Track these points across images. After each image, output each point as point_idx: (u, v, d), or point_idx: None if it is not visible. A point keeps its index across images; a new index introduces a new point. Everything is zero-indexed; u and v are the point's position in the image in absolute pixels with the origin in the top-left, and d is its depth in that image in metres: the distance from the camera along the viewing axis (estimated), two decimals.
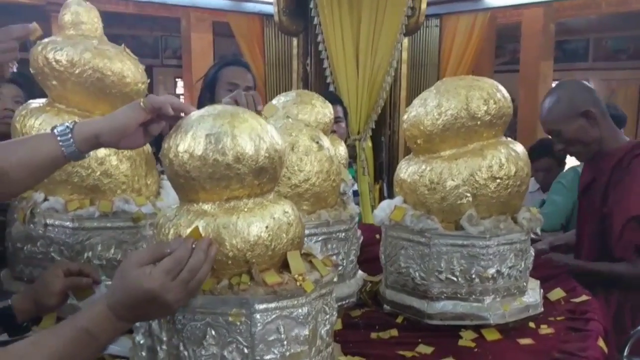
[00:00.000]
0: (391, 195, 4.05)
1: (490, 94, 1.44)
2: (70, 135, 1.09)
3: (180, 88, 13.46)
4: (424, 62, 4.90)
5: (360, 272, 1.65)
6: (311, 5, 3.56)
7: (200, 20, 6.84)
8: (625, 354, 1.51)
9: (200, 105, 2.44)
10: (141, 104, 1.08)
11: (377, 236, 1.69)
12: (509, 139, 1.54)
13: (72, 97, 1.51)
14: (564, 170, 3.17)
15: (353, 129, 3.67)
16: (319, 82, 3.78)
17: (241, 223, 1.01)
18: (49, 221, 1.46)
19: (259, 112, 1.60)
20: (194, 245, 0.95)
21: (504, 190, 1.42)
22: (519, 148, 1.49)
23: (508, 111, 1.48)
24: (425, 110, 1.47)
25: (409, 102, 4.23)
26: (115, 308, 0.93)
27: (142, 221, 1.49)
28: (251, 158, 1.01)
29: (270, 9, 4.53)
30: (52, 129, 1.11)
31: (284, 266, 1.07)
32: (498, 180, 1.41)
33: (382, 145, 3.86)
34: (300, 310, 1.02)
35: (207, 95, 2.39)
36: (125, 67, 1.51)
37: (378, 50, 3.52)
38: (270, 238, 1.03)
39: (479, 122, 1.44)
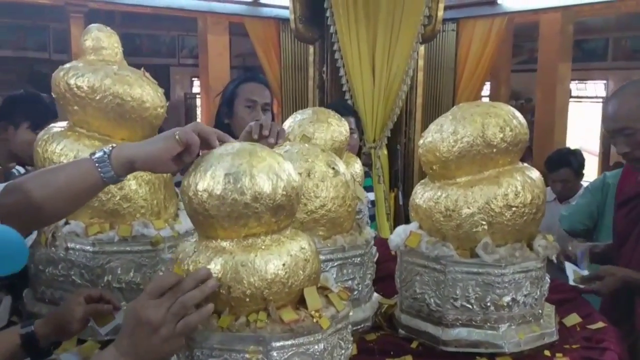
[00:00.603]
0: (406, 203, 4.07)
1: (506, 121, 1.44)
2: (108, 162, 1.13)
3: (196, 87, 13.54)
4: (440, 66, 4.88)
5: (375, 294, 1.66)
6: (327, 14, 3.56)
7: (217, 22, 6.88)
8: None
9: (218, 120, 2.47)
10: (176, 136, 1.11)
11: (393, 252, 1.69)
12: (525, 164, 1.54)
13: (93, 121, 1.54)
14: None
15: (369, 137, 3.67)
16: (335, 90, 3.79)
17: (259, 261, 1.03)
18: (70, 245, 1.49)
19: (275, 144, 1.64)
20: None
21: (520, 218, 1.42)
22: (535, 174, 1.49)
23: (524, 137, 1.48)
24: (441, 136, 1.48)
25: (425, 110, 4.23)
26: (118, 343, 0.96)
27: (160, 245, 1.52)
28: (269, 197, 1.03)
29: (287, 13, 4.55)
30: (91, 155, 1.14)
31: (301, 302, 1.08)
32: (514, 209, 1.41)
33: (397, 153, 3.86)
34: (316, 347, 1.04)
35: (225, 111, 2.41)
36: (145, 92, 1.53)
37: (394, 58, 3.52)
38: (288, 275, 1.04)
39: (494, 150, 1.44)
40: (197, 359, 1.02)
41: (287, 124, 1.98)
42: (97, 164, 1.13)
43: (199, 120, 13.28)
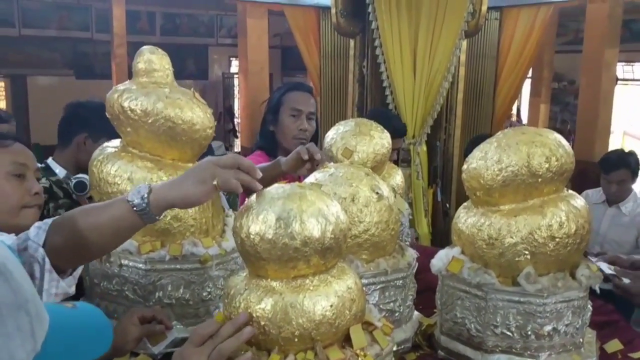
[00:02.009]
0: (444, 200, 4.06)
1: (552, 151, 1.44)
2: (148, 209, 1.18)
3: (234, 67, 13.64)
4: (482, 56, 4.78)
5: (415, 313, 1.69)
6: (369, 10, 3.54)
7: (256, 6, 6.90)
8: None
9: (264, 128, 2.51)
10: (215, 182, 1.15)
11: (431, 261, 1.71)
12: (570, 191, 1.53)
13: (145, 142, 1.59)
14: None
15: (408, 133, 3.66)
16: (375, 85, 3.78)
17: (307, 302, 1.07)
18: (123, 262, 1.56)
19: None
20: None
21: (563, 248, 1.42)
22: (580, 203, 1.48)
23: (570, 167, 1.47)
24: (486, 164, 1.48)
25: (465, 105, 4.18)
26: None
27: (209, 262, 1.58)
28: (318, 241, 1.07)
29: (327, 1, 4.53)
30: (129, 202, 1.18)
31: (347, 339, 1.12)
32: (557, 239, 1.41)
33: (437, 150, 3.84)
34: None
35: (270, 118, 2.45)
36: (195, 115, 1.58)
37: (436, 55, 3.48)
38: (335, 316, 1.08)
39: (539, 179, 1.44)
40: None
41: (330, 136, 2.00)
42: (134, 209, 1.17)
43: (237, 99, 13.41)
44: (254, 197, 1.14)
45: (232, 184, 1.14)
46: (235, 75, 13.51)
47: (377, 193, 1.52)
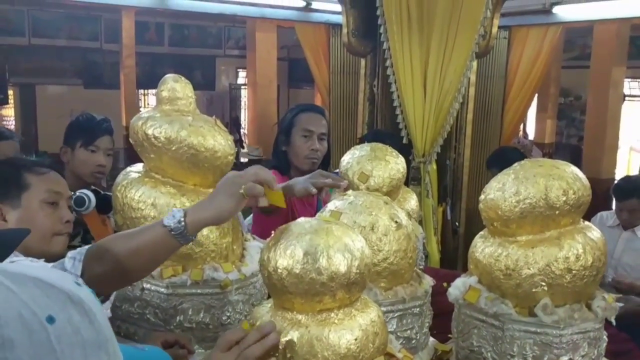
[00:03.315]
0: (454, 218, 4.08)
1: (569, 184, 1.46)
2: (185, 231, 1.24)
3: (241, 78, 13.72)
4: (491, 75, 4.83)
5: (431, 340, 1.71)
6: (381, 30, 3.58)
7: (266, 20, 6.95)
8: None
9: (276, 148, 2.55)
10: (242, 191, 1.22)
11: (445, 284, 1.73)
12: (587, 223, 1.55)
13: (168, 168, 1.63)
14: None
15: (418, 152, 3.70)
16: (385, 104, 3.81)
17: (332, 336, 1.09)
18: (145, 285, 1.59)
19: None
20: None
21: (580, 280, 1.44)
22: (596, 235, 1.51)
23: (587, 199, 1.50)
24: (503, 195, 1.51)
25: (474, 124, 4.21)
26: None
27: (229, 287, 1.60)
28: (344, 276, 1.09)
29: (338, 18, 4.58)
30: (165, 225, 1.24)
31: None
32: (574, 272, 1.43)
33: (447, 168, 3.87)
34: None
35: (282, 139, 2.49)
36: (217, 142, 1.61)
37: (447, 76, 3.51)
38: (359, 349, 1.11)
39: (557, 212, 1.46)
40: None
41: (345, 160, 2.03)
42: (172, 232, 1.23)
43: (243, 110, 13.48)
44: (280, 229, 1.17)
45: (256, 189, 1.21)
46: (242, 87, 13.59)
47: (396, 222, 1.55)
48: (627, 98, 10.69)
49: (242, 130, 13.55)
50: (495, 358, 1.50)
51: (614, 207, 3.58)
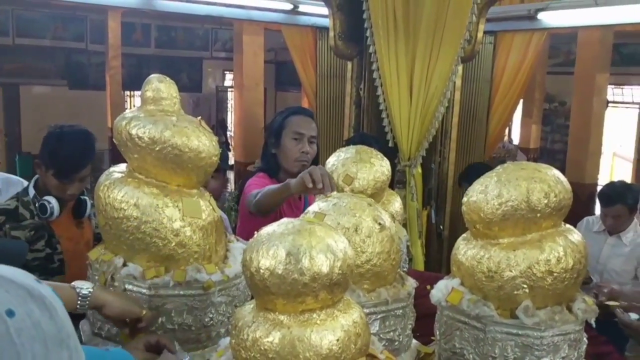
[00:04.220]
0: (438, 222, 4.10)
1: (551, 187, 1.48)
2: (87, 302, 1.42)
3: (228, 80, 13.68)
4: (476, 79, 4.86)
5: (414, 342, 1.72)
6: (367, 34, 3.60)
7: (253, 23, 6.95)
8: None
9: (265, 151, 2.54)
10: (143, 313, 1.42)
11: (428, 287, 1.73)
12: (568, 226, 1.57)
13: (152, 169, 1.62)
14: None
15: (404, 155, 3.71)
16: (372, 107, 3.83)
17: (314, 337, 1.09)
18: (127, 286, 1.58)
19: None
20: None
21: (561, 283, 1.46)
22: (577, 238, 1.52)
23: (568, 202, 1.51)
24: (486, 197, 1.52)
25: (460, 128, 4.24)
26: None
27: (212, 289, 1.60)
28: (326, 277, 1.09)
29: (324, 22, 4.59)
30: (79, 295, 1.41)
31: None
32: (555, 274, 1.44)
33: (432, 172, 3.89)
34: None
35: (272, 141, 2.48)
36: (201, 143, 1.61)
37: (432, 79, 3.54)
38: (341, 350, 1.11)
39: (538, 214, 1.47)
40: None
41: (331, 162, 2.04)
42: (79, 300, 1.41)
43: (230, 112, 13.43)
44: (263, 230, 1.16)
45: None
46: (229, 89, 13.56)
47: (380, 224, 1.55)
48: (610, 104, 10.83)
49: (228, 133, 13.52)
50: None
51: (597, 212, 3.61)
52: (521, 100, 10.73)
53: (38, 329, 0.67)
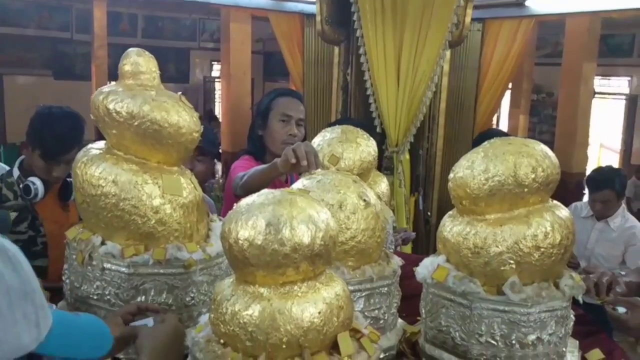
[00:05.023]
0: (426, 208, 4.08)
1: (538, 161, 1.45)
2: None
3: (215, 71, 13.56)
4: (464, 67, 4.83)
5: (399, 321, 1.69)
6: (354, 18, 3.56)
7: (240, 10, 6.86)
8: None
9: (252, 132, 2.50)
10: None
11: (415, 269, 1.71)
12: (555, 202, 1.55)
13: (130, 145, 1.57)
14: None
15: (391, 141, 3.68)
16: (359, 92, 3.79)
17: (295, 309, 1.06)
18: (106, 265, 1.54)
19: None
20: None
21: (548, 258, 1.43)
22: (565, 213, 1.50)
23: (556, 177, 1.49)
24: (472, 173, 1.49)
25: (448, 115, 4.21)
26: None
27: (193, 267, 1.56)
28: (307, 247, 1.06)
29: (312, 8, 4.54)
30: None
31: (334, 346, 1.12)
32: (542, 250, 1.42)
33: (419, 158, 3.87)
34: None
35: (259, 123, 2.44)
36: (182, 118, 1.56)
37: (420, 64, 3.50)
38: (323, 323, 1.08)
39: (526, 189, 1.45)
40: None
41: (316, 142, 2.00)
42: None
43: (217, 103, 13.32)
44: (243, 201, 1.13)
45: None
46: (217, 79, 13.45)
47: (365, 200, 1.52)
48: (597, 95, 10.86)
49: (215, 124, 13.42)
50: (463, 337, 1.48)
51: (586, 198, 3.61)
52: (509, 91, 10.78)
53: (1, 280, 0.67)
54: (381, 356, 1.49)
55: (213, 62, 13.59)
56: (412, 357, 1.62)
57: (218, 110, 13.13)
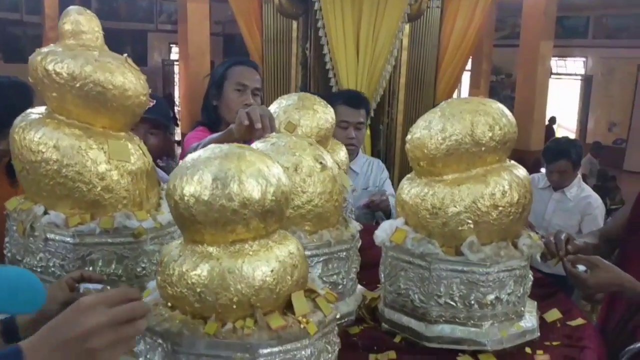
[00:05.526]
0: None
1: (495, 120, 1.43)
2: None
3: (174, 54, 13.29)
4: (424, 43, 4.81)
5: (359, 287, 1.66)
6: None
7: None
8: None
9: (206, 103, 2.41)
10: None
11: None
12: (513, 162, 1.53)
13: (73, 109, 1.48)
14: None
15: None
16: (318, 67, 3.74)
17: (246, 267, 1.01)
18: (49, 236, 1.45)
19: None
20: None
21: (506, 217, 1.42)
22: (522, 173, 1.49)
23: (513, 136, 1.47)
24: (429, 133, 1.46)
25: (408, 91, 4.20)
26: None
27: (143, 236, 1.49)
28: (258, 203, 1.01)
29: None
30: None
31: (288, 306, 1.07)
32: (500, 208, 1.41)
33: (380, 134, 3.84)
34: (303, 352, 1.04)
35: (213, 93, 2.35)
36: (127, 80, 1.48)
37: (379, 37, 3.47)
38: (275, 282, 1.03)
39: (483, 148, 1.43)
40: None
41: (272, 110, 1.94)
42: None
43: (177, 86, 13.06)
44: (189, 156, 1.07)
45: None
46: (176, 63, 13.19)
47: (321, 163, 1.48)
48: (554, 76, 11.08)
49: (175, 108, 13.18)
50: (422, 299, 1.46)
51: (543, 170, 3.66)
52: (469, 72, 10.90)
53: None
54: (339, 322, 1.47)
55: (172, 45, 13.33)
56: (371, 323, 1.60)
57: (177, 94, 12.89)
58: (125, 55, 1.56)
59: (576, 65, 12.92)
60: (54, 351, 0.80)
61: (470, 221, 1.41)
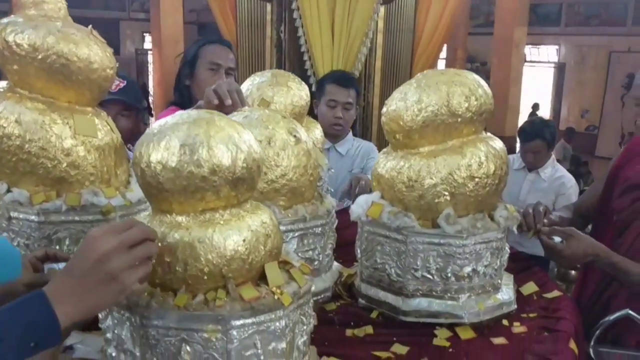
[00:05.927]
0: None
1: (471, 90, 1.42)
2: None
3: (148, 43, 13.08)
4: (399, 28, 4.78)
5: (335, 264, 1.64)
6: None
7: None
8: (592, 343, 1.53)
9: (179, 82, 2.35)
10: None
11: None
12: (489, 134, 1.52)
13: (36, 82, 1.42)
14: None
15: None
16: (293, 51, 3.68)
17: (217, 237, 0.97)
18: (12, 214, 1.39)
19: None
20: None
21: (482, 189, 1.41)
22: (498, 144, 1.48)
23: (489, 107, 1.46)
24: (405, 105, 1.44)
25: (384, 73, 4.17)
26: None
27: (112, 214, 1.44)
28: (228, 169, 0.97)
29: None
30: None
31: (262, 278, 1.04)
32: (477, 179, 1.39)
33: (356, 117, 3.80)
34: (277, 324, 1.01)
35: (186, 72, 2.29)
36: (92, 52, 1.43)
37: (354, 19, 3.43)
38: (248, 252, 1.00)
39: (459, 119, 1.41)
40: (153, 339, 0.97)
41: (245, 87, 1.90)
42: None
43: (151, 76, 12.86)
44: (156, 123, 1.03)
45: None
46: (149, 52, 12.99)
47: (295, 136, 1.45)
48: (527, 63, 11.17)
49: (150, 98, 12.99)
50: (399, 273, 1.45)
51: (518, 150, 3.67)
52: (444, 60, 10.93)
53: None
54: (315, 298, 1.44)
55: (145, 34, 13.12)
56: (348, 299, 1.58)
57: (152, 83, 12.70)
58: (90, 26, 1.50)
59: (549, 52, 13.05)
60: (76, 283, 0.83)
61: (446, 193, 1.40)
